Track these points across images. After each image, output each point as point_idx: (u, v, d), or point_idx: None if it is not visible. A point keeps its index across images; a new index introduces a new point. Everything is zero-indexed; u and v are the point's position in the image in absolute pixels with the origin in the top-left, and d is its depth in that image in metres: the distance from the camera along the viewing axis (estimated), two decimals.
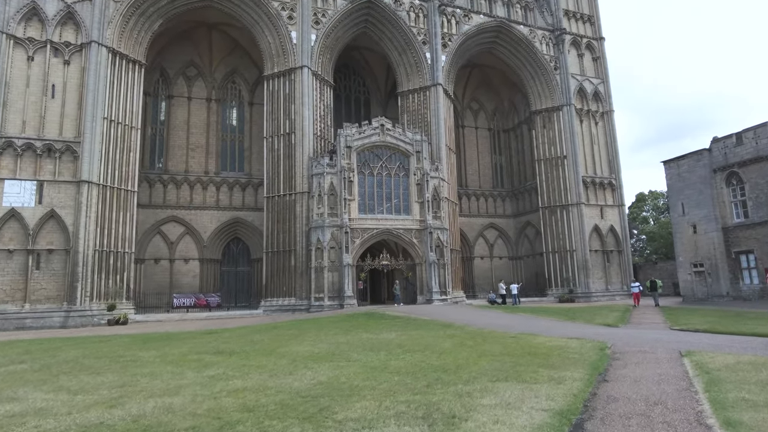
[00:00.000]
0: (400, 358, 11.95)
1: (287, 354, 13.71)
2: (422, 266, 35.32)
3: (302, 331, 19.60)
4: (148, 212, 39.39)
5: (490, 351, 12.61)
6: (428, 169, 36.24)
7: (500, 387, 7.95)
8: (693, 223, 35.67)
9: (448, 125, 41.30)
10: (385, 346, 14.38)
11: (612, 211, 45.21)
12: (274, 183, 35.91)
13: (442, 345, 14.25)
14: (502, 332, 16.84)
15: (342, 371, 10.39)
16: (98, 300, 30.82)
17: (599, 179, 45.06)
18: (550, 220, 44.41)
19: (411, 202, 35.86)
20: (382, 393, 8.00)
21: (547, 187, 44.80)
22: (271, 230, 35.60)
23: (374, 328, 19.60)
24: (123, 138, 33.07)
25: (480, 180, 50.92)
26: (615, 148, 46.59)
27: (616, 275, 44.11)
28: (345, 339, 16.52)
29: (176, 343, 17.56)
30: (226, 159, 42.73)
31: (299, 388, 8.86)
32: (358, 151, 34.99)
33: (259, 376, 10.27)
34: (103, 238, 31.26)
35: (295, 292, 34.20)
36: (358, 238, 33.98)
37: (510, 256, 50.40)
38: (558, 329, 17.62)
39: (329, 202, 33.78)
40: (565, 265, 43.19)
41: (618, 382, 8.09)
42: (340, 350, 13.96)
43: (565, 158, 44.39)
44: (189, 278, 39.84)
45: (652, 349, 11.75)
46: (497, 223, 50.51)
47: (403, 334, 17.21)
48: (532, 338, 14.85)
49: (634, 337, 14.62)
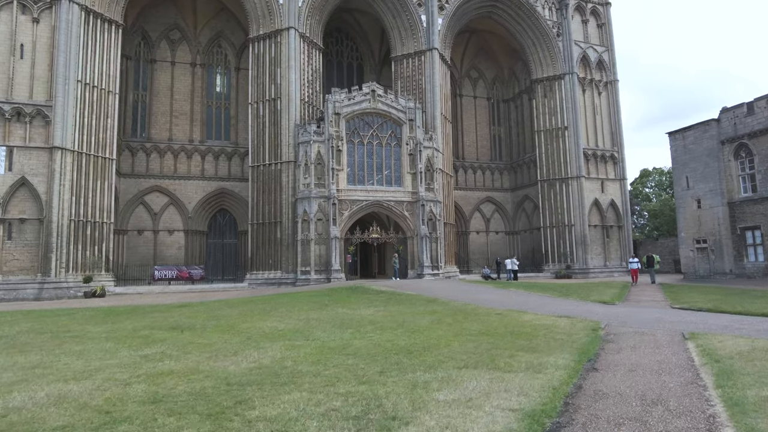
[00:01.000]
0: (367, 337, 10.61)
1: (246, 331, 12.43)
2: (414, 240, 33.91)
3: (277, 306, 18.35)
4: (130, 181, 37.87)
5: (468, 330, 11.26)
6: (421, 139, 34.48)
7: (465, 376, 6.57)
8: (697, 197, 34.06)
9: (444, 93, 39.31)
10: (357, 323, 13.06)
11: (613, 185, 43.53)
12: (259, 152, 34.25)
13: (418, 322, 12.92)
14: (488, 309, 15.52)
15: (293, 352, 9.05)
16: (75, 272, 29.60)
17: (601, 152, 43.24)
18: (548, 194, 42.78)
19: (403, 173, 34.21)
20: (324, 381, 6.63)
21: (547, 159, 43.01)
22: (256, 201, 34.11)
23: (354, 303, 18.32)
24: (99, 103, 31.29)
25: (477, 152, 49.07)
26: (618, 120, 44.62)
27: (616, 251, 42.72)
28: (317, 315, 15.24)
29: (138, 317, 16.34)
30: (212, 127, 40.90)
31: (233, 372, 7.52)
32: (347, 119, 33.17)
33: (197, 357, 8.94)
34: (79, 208, 29.84)
35: (281, 265, 32.91)
36: (346, 210, 32.48)
37: (507, 231, 48.95)
38: (549, 306, 16.29)
39: (316, 172, 32.15)
40: (563, 241, 41.77)
41: (609, 371, 6.70)
42: (305, 327, 12.66)
43: (566, 129, 42.49)
44: (174, 250, 38.54)
45: (651, 330, 10.37)
46: (494, 196, 48.88)
47: (382, 310, 15.91)
48: (519, 316, 13.51)
49: (632, 316, 13.25)
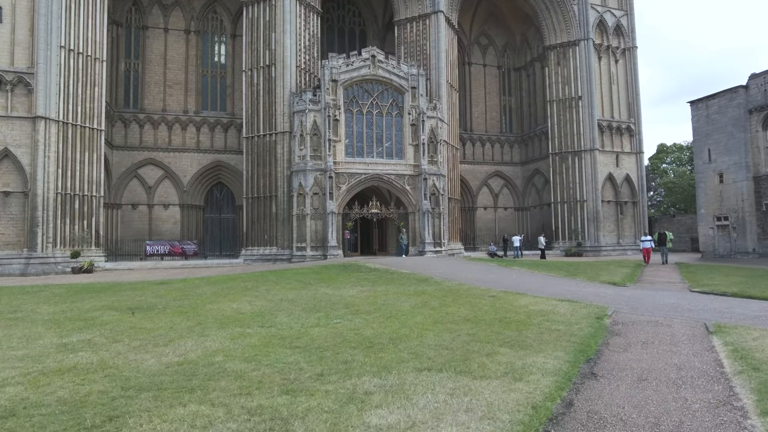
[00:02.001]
0: (331, 324, 9.14)
1: (206, 313, 11.08)
2: (415, 216, 32.28)
3: (258, 284, 17.01)
4: (123, 154, 36.57)
5: (452, 315, 9.74)
6: (425, 108, 32.49)
7: (422, 384, 5.06)
8: (720, 171, 31.80)
9: (450, 59, 37.04)
10: (331, 306, 11.63)
11: (629, 158, 41.20)
12: (253, 122, 32.60)
13: (400, 305, 11.44)
14: (484, 289, 13.98)
15: (235, 343, 7.62)
16: (63, 247, 28.56)
17: (616, 123, 40.80)
18: (560, 168, 40.65)
19: (405, 145, 32.38)
20: (242, 387, 5.17)
21: (559, 131, 40.73)
22: (251, 174, 32.63)
23: (341, 282, 16.89)
24: (86, 71, 29.72)
25: (486, 123, 46.81)
26: (636, 89, 41.98)
27: (630, 228, 40.67)
28: (294, 295, 13.85)
29: (106, 295, 15.11)
30: (207, 97, 39.22)
31: (145, 370, 6.11)
32: (345, 86, 31.26)
33: (122, 347, 7.56)
34: (66, 181, 28.62)
35: (277, 241, 31.60)
36: (344, 184, 30.87)
37: (516, 207, 47.02)
38: (552, 287, 14.69)
39: (312, 144, 30.47)
40: (574, 217, 39.81)
41: (612, 379, 5.13)
42: (271, 310, 11.26)
43: (579, 99, 40.05)
44: (169, 225, 37.43)
45: (666, 319, 8.73)
46: (503, 171, 46.80)
47: (367, 290, 14.47)
48: (516, 298, 11.94)
49: (645, 300, 11.60)
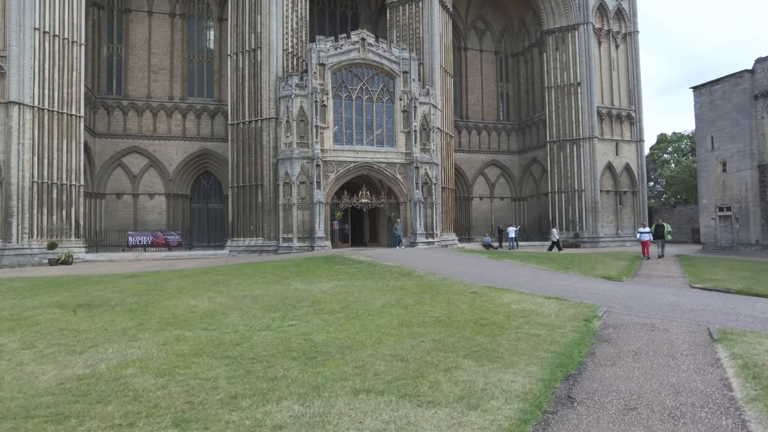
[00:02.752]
0: (283, 327, 8.07)
1: (156, 311, 10.05)
2: (407, 206, 31.17)
3: (230, 278, 15.95)
4: (106, 142, 35.39)
5: (423, 316, 8.67)
6: (417, 94, 31.23)
7: (351, 414, 3.98)
8: (723, 159, 30.59)
9: (445, 43, 35.68)
10: (295, 304, 10.56)
11: (629, 147, 39.96)
12: (238, 108, 31.38)
13: (371, 303, 10.37)
14: (467, 284, 12.90)
15: (162, 350, 6.56)
16: (40, 237, 27.52)
17: (616, 111, 39.50)
18: (558, 156, 39.43)
19: (396, 132, 31.17)
20: (124, 417, 4.11)
21: (557, 118, 39.45)
22: (236, 162, 31.48)
23: (318, 275, 15.80)
24: (63, 54, 28.46)
25: (483, 111, 45.50)
26: (637, 76, 40.62)
27: (629, 219, 39.54)
28: (262, 291, 12.79)
29: (63, 290, 14.03)
30: (194, 83, 37.92)
31: (33, 388, 5.06)
32: (333, 70, 29.98)
33: (31, 355, 6.51)
34: (42, 169, 27.51)
35: (263, 231, 30.53)
36: (332, 173, 29.71)
37: (513, 197, 45.86)
38: (542, 282, 13.61)
39: (299, 130, 29.26)
40: (572, 207, 38.67)
41: (592, 407, 4.05)
42: (228, 308, 10.19)
43: (578, 85, 38.72)
44: (155, 215, 36.34)
45: (664, 321, 7.65)
46: (500, 159, 45.57)
47: (342, 286, 13.39)
48: (499, 295, 10.86)
49: (641, 298, 10.52)
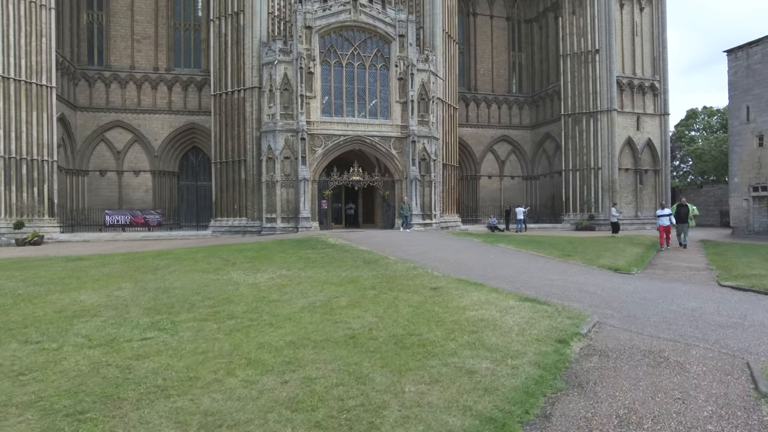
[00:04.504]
0: (132, 342, 5.79)
1: (22, 309, 7.88)
2: (402, 183, 28.61)
3: (172, 263, 13.84)
4: (87, 116, 33.42)
5: (340, 326, 6.29)
6: (414, 60, 28.34)
7: None
8: (759, 132, 27.16)
9: (449, 5, 32.48)
10: (201, 303, 8.31)
11: (651, 121, 36.44)
12: (221, 77, 28.99)
13: (292, 304, 8.03)
14: (436, 276, 10.45)
15: None
16: (8, 216, 25.90)
17: (638, 81, 35.90)
18: (573, 131, 36.16)
19: (391, 102, 28.45)
20: None
21: (573, 89, 36.05)
22: (219, 136, 29.24)
23: (271, 262, 13.51)
24: (29, 19, 26.31)
25: (493, 82, 42.20)
26: (663, 42, 36.77)
27: (650, 200, 36.26)
28: (184, 282, 10.61)
29: None
30: (180, 53, 35.53)
31: None
32: (321, 34, 27.26)
33: None
34: (9, 143, 25.72)
35: (247, 211, 28.39)
36: (320, 147, 27.24)
37: (524, 176, 42.78)
38: (531, 273, 11.07)
39: (282, 100, 26.76)
40: (587, 186, 35.53)
41: None
42: (117, 305, 7.99)
43: (597, 53, 35.17)
44: (140, 193, 34.47)
45: (679, 347, 5.11)
46: (511, 135, 42.41)
47: (286, 276, 11.08)
48: (462, 293, 8.40)
49: (651, 301, 7.93)
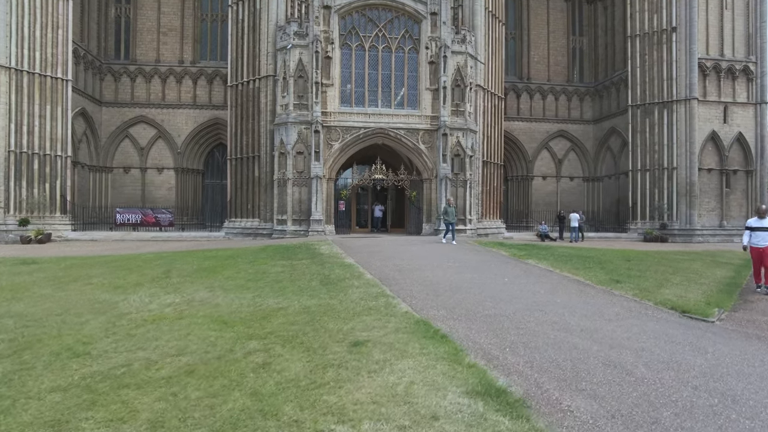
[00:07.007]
0: None
1: None
2: (431, 183, 24.95)
3: (109, 272, 11.23)
4: (113, 111, 32.47)
5: None
6: (448, 41, 24.60)
7: None
8: None
9: None
10: None
11: (743, 111, 30.28)
12: (237, 66, 26.71)
13: (87, 369, 4.86)
14: (398, 310, 6.86)
15: None
16: (18, 212, 25.05)
17: (727, 63, 29.89)
18: (642, 125, 30.77)
19: (420, 90, 24.89)
20: None
21: (642, 76, 30.66)
22: (235, 130, 26.98)
23: (211, 277, 10.60)
24: (45, 10, 25.33)
25: (549, 71, 37.33)
26: (762, 14, 30.35)
27: (739, 207, 30.08)
28: (61, 304, 7.77)
29: None
30: (206, 45, 33.82)
31: None
32: (341, 14, 24.20)
33: None
34: (21, 138, 24.83)
35: (259, 212, 25.87)
36: (337, 141, 24.17)
37: (584, 177, 37.54)
38: (539, 316, 7.21)
39: (296, 89, 23.94)
40: (659, 189, 30.01)
41: None
42: None
43: (673, 31, 29.59)
44: (163, 191, 33.06)
45: None
46: (570, 130, 37.33)
47: (186, 303, 8.01)
48: (384, 363, 4.80)
49: (750, 409, 3.99)
